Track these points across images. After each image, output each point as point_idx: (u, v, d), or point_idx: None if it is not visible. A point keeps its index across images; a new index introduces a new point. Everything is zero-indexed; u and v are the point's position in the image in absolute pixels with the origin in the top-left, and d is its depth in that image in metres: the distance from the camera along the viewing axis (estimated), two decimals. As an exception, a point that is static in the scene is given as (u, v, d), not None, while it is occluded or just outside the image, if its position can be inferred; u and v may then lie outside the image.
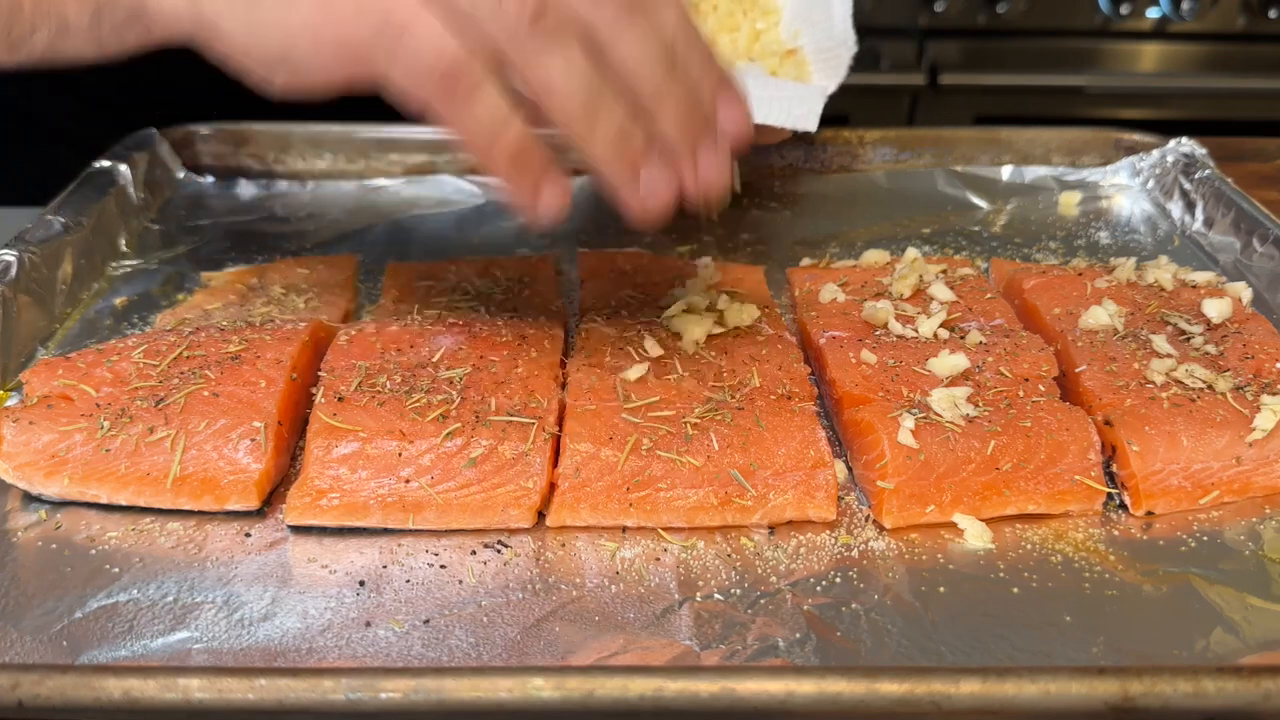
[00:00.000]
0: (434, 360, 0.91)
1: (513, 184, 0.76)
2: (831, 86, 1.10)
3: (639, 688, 0.64)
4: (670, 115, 0.75)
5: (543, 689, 0.63)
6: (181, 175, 1.39)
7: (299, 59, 0.79)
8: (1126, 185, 1.38)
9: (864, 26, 2.75)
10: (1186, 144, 1.34)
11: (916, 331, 0.98)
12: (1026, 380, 0.91)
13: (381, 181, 1.39)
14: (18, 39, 0.90)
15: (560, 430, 0.86)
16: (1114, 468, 0.88)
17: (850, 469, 0.90)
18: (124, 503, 0.84)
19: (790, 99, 1.04)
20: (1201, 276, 1.08)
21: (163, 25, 0.85)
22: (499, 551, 0.82)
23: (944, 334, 0.98)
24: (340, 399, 0.86)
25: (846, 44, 1.15)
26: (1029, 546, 0.83)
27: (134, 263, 1.21)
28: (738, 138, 0.79)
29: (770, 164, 1.43)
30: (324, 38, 0.76)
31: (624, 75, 0.73)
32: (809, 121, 1.03)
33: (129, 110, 1.40)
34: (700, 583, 0.79)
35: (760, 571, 0.80)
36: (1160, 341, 0.95)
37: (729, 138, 0.79)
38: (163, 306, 1.12)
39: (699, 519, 0.83)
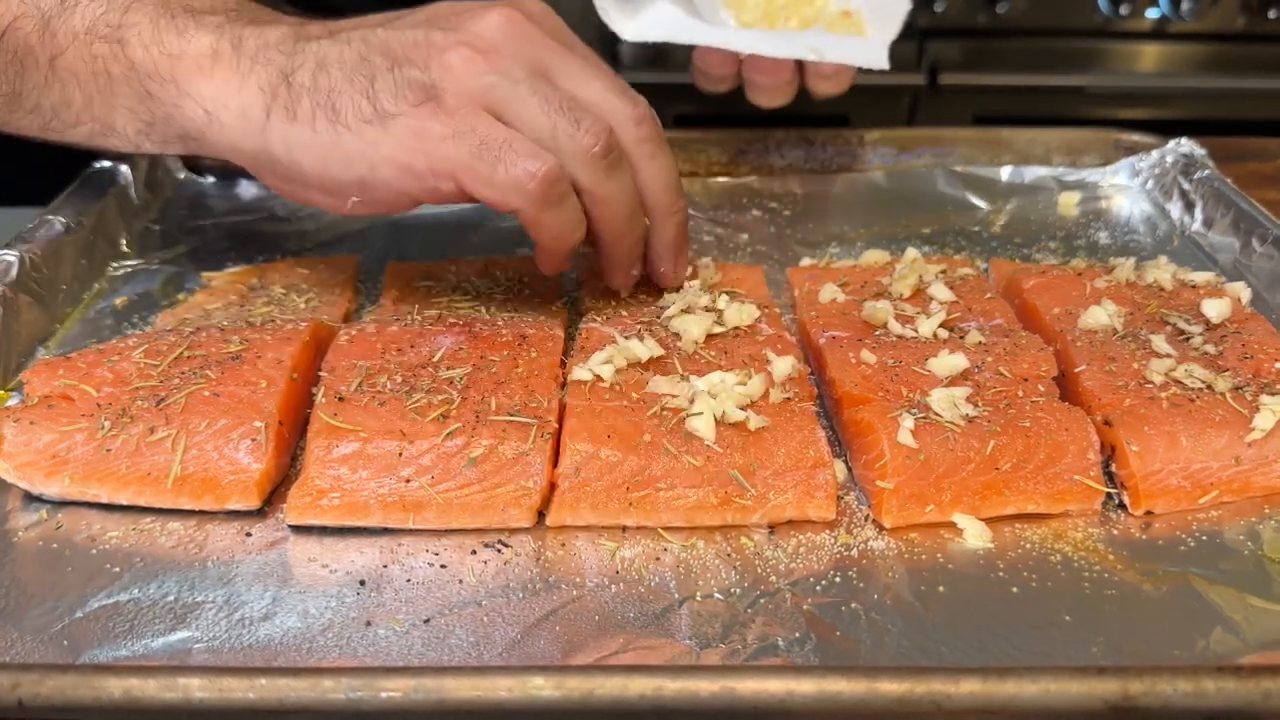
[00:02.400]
0: (434, 360, 0.92)
1: (561, 266, 0.98)
2: (892, 35, 1.15)
3: (639, 687, 0.64)
4: (672, 228, 1.00)
5: (543, 688, 0.63)
6: (182, 175, 1.40)
7: (379, 185, 0.89)
8: (1126, 185, 1.38)
9: (864, 27, 2.72)
10: (1186, 144, 1.34)
11: (916, 331, 0.98)
12: (1026, 380, 0.91)
13: (382, 181, 1.39)
14: (57, 129, 0.93)
15: (560, 430, 0.86)
16: (1113, 467, 0.88)
17: (850, 469, 0.90)
18: (124, 502, 0.84)
19: (858, 45, 1.13)
20: (1201, 276, 1.08)
21: (219, 146, 0.90)
22: (499, 551, 0.82)
23: (943, 334, 0.98)
24: (341, 399, 0.86)
25: (902, 1, 1.20)
26: (1028, 546, 0.83)
27: (134, 263, 1.21)
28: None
29: (770, 164, 1.43)
30: (414, 165, 0.86)
31: (647, 197, 0.97)
32: (881, 60, 1.10)
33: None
34: (700, 582, 0.79)
35: (760, 571, 0.80)
36: (1159, 341, 0.96)
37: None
38: (163, 306, 1.13)
39: (699, 519, 0.83)
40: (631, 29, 1.19)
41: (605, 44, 2.54)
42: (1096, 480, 0.85)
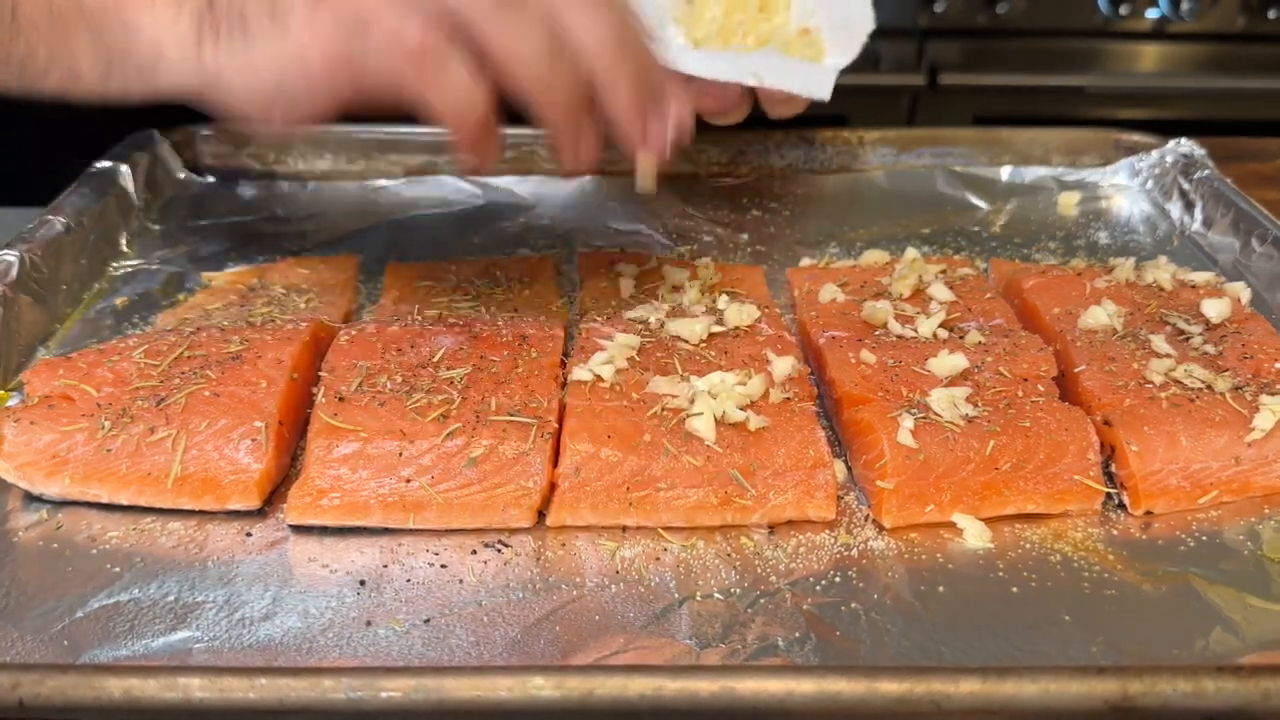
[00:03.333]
0: (434, 360, 0.92)
1: (474, 151, 0.85)
2: (844, 62, 1.12)
3: (639, 687, 0.64)
4: (623, 90, 0.83)
5: (543, 688, 0.63)
6: (182, 175, 1.40)
7: (292, 88, 0.84)
8: (1126, 185, 1.38)
9: (864, 27, 2.71)
10: (1186, 144, 1.34)
11: (916, 331, 0.98)
12: (1026, 380, 0.91)
13: (381, 181, 1.39)
14: (31, 80, 0.93)
15: (560, 430, 0.86)
16: (1113, 467, 0.88)
17: (850, 469, 0.90)
18: (125, 502, 0.84)
19: (805, 72, 1.07)
20: (1200, 276, 1.08)
21: (169, 79, 0.89)
22: (499, 551, 0.82)
23: (943, 334, 0.98)
24: (341, 399, 0.86)
25: (864, 21, 1.16)
26: (1028, 546, 0.83)
27: (134, 263, 1.21)
28: (679, 122, 0.88)
29: (770, 164, 1.43)
30: (311, 58, 0.82)
31: (580, 51, 0.81)
32: (823, 91, 1.05)
33: (130, 110, 1.40)
34: (700, 582, 0.79)
35: (760, 571, 0.80)
36: (1159, 341, 0.96)
37: (673, 117, 0.88)
38: (163, 306, 1.13)
39: (699, 519, 0.83)
40: None
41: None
42: (1096, 480, 0.85)
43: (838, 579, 0.80)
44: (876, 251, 1.16)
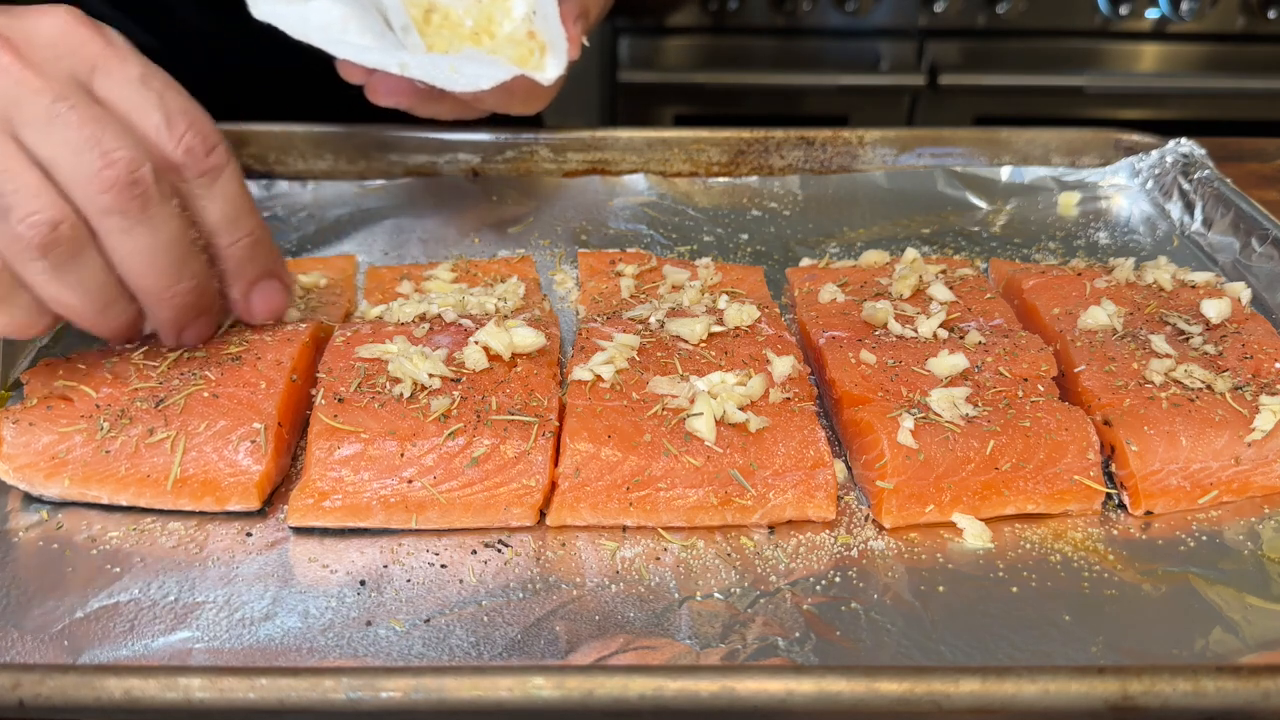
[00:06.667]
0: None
1: (119, 334, 0.85)
2: (544, 72, 1.06)
3: (639, 687, 0.64)
4: (237, 263, 0.86)
5: (543, 688, 0.63)
6: (182, 176, 1.39)
7: None
8: (1126, 186, 1.38)
9: (864, 27, 2.76)
10: (1185, 144, 1.34)
11: (916, 332, 0.98)
12: (1026, 380, 0.91)
13: (381, 181, 1.39)
14: None
15: (561, 429, 0.86)
16: (1113, 467, 0.88)
17: (850, 469, 0.90)
18: (125, 503, 0.84)
19: (479, 72, 1.02)
20: (1200, 277, 1.08)
21: None
22: (499, 551, 0.82)
23: (943, 334, 0.98)
24: (340, 400, 0.86)
25: (559, 40, 1.08)
26: (1028, 546, 0.83)
27: (134, 263, 1.21)
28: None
29: (770, 164, 1.43)
30: None
31: (209, 235, 0.84)
32: (460, 84, 1.00)
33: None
34: (700, 582, 0.79)
35: (760, 571, 0.80)
36: (1159, 341, 0.96)
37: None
38: (163, 307, 1.12)
39: (699, 519, 0.83)
40: (264, 7, 1.03)
41: (606, 44, 2.55)
42: (1096, 480, 0.85)
43: (838, 579, 0.80)
44: (876, 251, 1.16)
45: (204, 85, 0.96)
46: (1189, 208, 1.28)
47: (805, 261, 1.19)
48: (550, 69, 1.06)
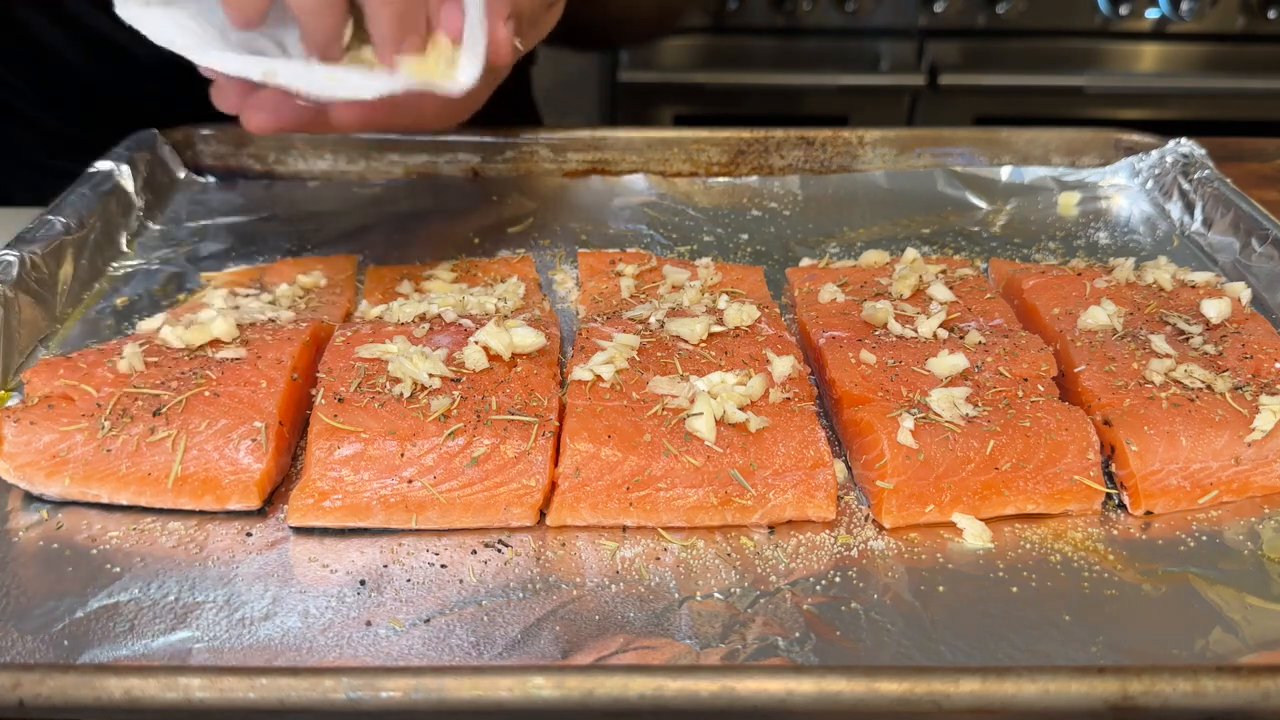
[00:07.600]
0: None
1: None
2: (454, 80, 0.93)
3: (639, 687, 0.64)
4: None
5: (543, 688, 0.63)
6: (182, 175, 1.40)
7: None
8: (1125, 186, 1.38)
9: (864, 27, 2.76)
10: (1185, 144, 1.34)
11: (916, 331, 0.98)
12: (1026, 380, 0.91)
13: (381, 181, 1.39)
14: None
15: (561, 429, 0.86)
16: (1113, 467, 0.88)
17: (850, 469, 0.90)
18: (125, 502, 0.85)
19: (363, 83, 0.92)
20: (1200, 277, 1.08)
21: None
22: (500, 551, 0.82)
23: (943, 334, 0.98)
24: (340, 400, 0.86)
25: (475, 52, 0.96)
26: (1028, 546, 0.83)
27: (134, 263, 1.21)
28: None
29: (770, 164, 1.43)
30: None
31: None
32: (339, 93, 0.91)
33: (130, 111, 1.40)
34: (700, 582, 0.79)
35: (760, 571, 0.80)
36: (1159, 341, 0.96)
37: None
38: (163, 306, 1.13)
39: (699, 519, 0.83)
40: (128, 10, 0.94)
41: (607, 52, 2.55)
42: (1096, 480, 0.85)
43: (838, 579, 0.80)
44: (876, 251, 1.16)
45: (204, 85, 0.96)
46: (1189, 208, 1.28)
47: (805, 261, 1.19)
48: (463, 74, 0.92)
